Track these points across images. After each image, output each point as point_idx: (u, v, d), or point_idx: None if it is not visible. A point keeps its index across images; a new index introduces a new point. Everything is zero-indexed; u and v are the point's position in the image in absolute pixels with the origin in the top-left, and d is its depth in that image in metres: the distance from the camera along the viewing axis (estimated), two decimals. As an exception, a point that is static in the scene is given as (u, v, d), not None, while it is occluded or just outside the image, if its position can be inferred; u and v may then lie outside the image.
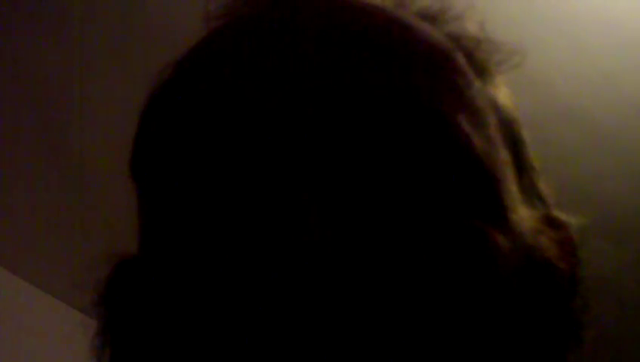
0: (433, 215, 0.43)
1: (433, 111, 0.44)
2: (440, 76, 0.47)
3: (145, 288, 0.48)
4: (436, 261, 0.42)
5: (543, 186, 0.52)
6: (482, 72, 0.51)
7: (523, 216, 0.48)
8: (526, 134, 0.52)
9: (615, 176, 2.19)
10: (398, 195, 0.43)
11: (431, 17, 0.51)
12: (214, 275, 0.43)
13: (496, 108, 0.50)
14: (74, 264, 2.45)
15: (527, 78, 1.86)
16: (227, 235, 0.43)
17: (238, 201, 0.43)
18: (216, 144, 0.44)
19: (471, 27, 0.52)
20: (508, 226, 0.45)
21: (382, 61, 0.45)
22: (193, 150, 0.45)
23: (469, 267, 0.42)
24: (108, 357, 0.51)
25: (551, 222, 0.50)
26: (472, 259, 0.42)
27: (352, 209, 0.42)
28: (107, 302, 0.51)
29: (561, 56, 1.92)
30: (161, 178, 0.47)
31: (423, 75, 0.46)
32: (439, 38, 0.49)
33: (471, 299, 0.42)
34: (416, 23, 0.49)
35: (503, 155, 0.48)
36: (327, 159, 0.42)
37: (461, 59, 0.49)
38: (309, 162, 0.42)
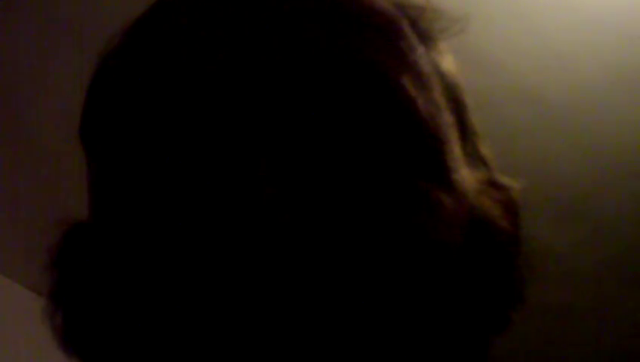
0: (377, 173, 0.44)
1: (377, 72, 0.45)
2: (385, 40, 0.48)
3: (94, 252, 0.48)
4: (380, 218, 0.43)
5: (485, 150, 0.53)
6: (426, 38, 0.52)
7: (466, 177, 0.49)
8: (468, 99, 0.53)
9: (567, 156, 2.21)
10: (343, 154, 0.44)
11: None
12: (162, 235, 0.43)
13: (440, 73, 0.51)
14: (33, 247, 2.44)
15: (478, 56, 1.87)
16: (176, 195, 0.44)
17: (186, 161, 0.44)
18: (164, 106, 0.45)
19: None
20: (451, 186, 0.47)
21: (328, 24, 0.46)
22: (142, 114, 0.45)
23: (412, 224, 0.43)
24: (60, 321, 0.51)
25: (493, 184, 0.51)
26: (415, 217, 0.44)
27: (299, 166, 0.42)
28: (57, 266, 0.52)
29: (513, 35, 1.93)
30: (110, 143, 0.48)
31: (368, 38, 0.46)
32: (384, 5, 0.50)
33: (415, 256, 0.43)
34: None
35: (447, 118, 0.49)
36: (275, 118, 0.43)
37: (406, 26, 0.50)
38: (258, 120, 0.43)
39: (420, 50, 0.50)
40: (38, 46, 1.99)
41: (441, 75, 0.51)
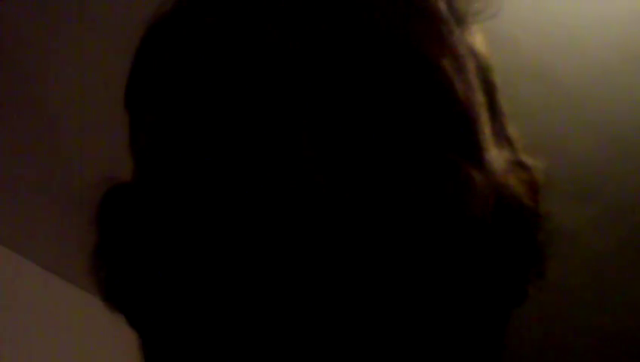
0: (415, 148, 0.46)
1: (420, 55, 0.48)
2: (425, 23, 0.50)
3: (135, 210, 0.51)
4: (416, 189, 0.45)
5: (512, 131, 0.56)
6: (461, 20, 0.54)
7: (495, 156, 0.52)
8: (498, 80, 0.56)
9: (579, 134, 2.20)
10: (384, 129, 0.46)
11: None
12: (206, 198, 0.45)
13: (473, 54, 0.54)
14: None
15: (490, 34, 1.85)
16: (218, 158, 0.46)
17: (232, 130, 0.46)
18: (213, 77, 0.47)
19: None
20: (482, 164, 0.49)
21: (372, 6, 0.48)
22: (189, 85, 0.48)
23: (446, 197, 0.46)
24: (104, 277, 0.54)
25: (519, 164, 0.54)
26: (449, 190, 0.46)
27: (338, 135, 0.45)
28: (100, 223, 0.55)
29: (525, 13, 1.92)
30: (156, 110, 0.50)
31: (410, 21, 0.49)
32: None
33: (446, 225, 0.46)
34: None
35: (479, 98, 0.52)
36: (319, 93, 0.46)
37: (444, 9, 0.52)
38: (303, 93, 0.46)
39: (457, 32, 0.52)
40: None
41: (475, 56, 0.54)
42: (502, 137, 0.54)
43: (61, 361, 2.60)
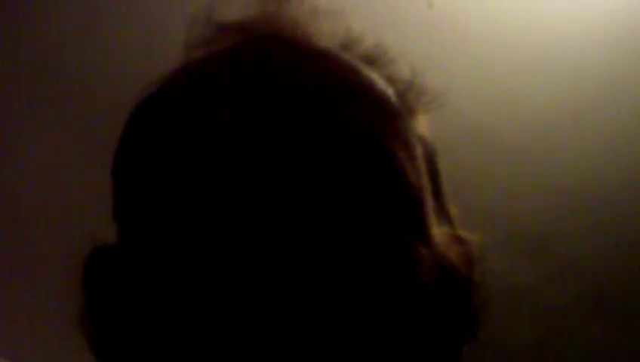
0: (370, 227, 0.53)
1: (379, 147, 0.55)
2: (384, 118, 0.58)
3: (122, 272, 0.56)
4: (370, 264, 0.52)
5: (452, 209, 0.63)
6: (411, 112, 0.62)
7: (437, 232, 0.59)
8: (440, 163, 0.63)
9: (527, 193, 2.24)
10: (342, 211, 0.52)
11: (371, 61, 0.62)
12: (185, 265, 0.51)
13: (421, 140, 0.61)
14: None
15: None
16: (199, 234, 0.52)
17: (210, 209, 0.52)
18: (192, 159, 0.53)
19: (403, 70, 0.63)
20: (428, 239, 0.57)
21: (334, 101, 0.56)
22: (173, 162, 0.54)
23: (397, 269, 0.53)
24: (90, 330, 0.59)
25: (457, 238, 0.62)
26: (400, 264, 0.53)
27: (304, 219, 0.51)
28: (87, 283, 0.60)
29: (465, 77, 1.98)
30: (141, 179, 0.57)
31: (367, 113, 0.56)
32: (380, 82, 0.60)
33: (397, 291, 0.52)
34: (361, 68, 0.60)
35: (425, 182, 0.59)
36: (282, 179, 0.52)
37: (396, 101, 0.61)
38: (267, 179, 0.51)
39: (407, 121, 0.60)
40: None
41: (423, 143, 0.61)
42: (443, 215, 0.61)
43: None
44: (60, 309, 2.55)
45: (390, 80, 0.62)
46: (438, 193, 0.62)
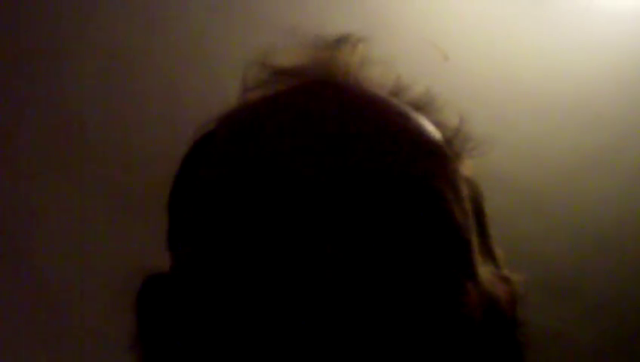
0: (420, 265, 0.55)
1: (428, 186, 0.57)
2: (432, 158, 0.60)
3: (174, 301, 0.58)
4: (423, 302, 0.54)
5: (497, 250, 0.66)
6: (458, 155, 0.65)
7: (483, 271, 0.61)
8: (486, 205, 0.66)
9: (549, 238, 2.24)
10: (394, 249, 0.54)
11: (420, 107, 0.65)
12: (234, 291, 0.53)
13: (467, 182, 0.64)
14: None
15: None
16: (253, 268, 0.53)
17: (265, 237, 0.54)
18: (250, 195, 0.55)
19: (450, 117, 0.66)
20: (474, 278, 0.58)
21: (385, 144, 0.58)
22: (229, 198, 0.56)
23: (448, 307, 0.55)
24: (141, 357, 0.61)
25: (501, 278, 0.64)
26: (451, 301, 0.55)
27: (358, 255, 0.53)
28: (141, 309, 0.63)
29: (485, 125, 1.98)
30: (198, 212, 0.59)
31: (420, 157, 0.59)
32: (428, 126, 0.63)
33: (448, 325, 0.54)
34: (411, 112, 0.63)
35: (472, 222, 0.61)
36: (340, 221, 0.54)
37: (445, 146, 0.63)
38: (326, 221, 0.53)
39: (455, 164, 0.62)
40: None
41: (468, 184, 0.64)
42: (488, 254, 0.64)
43: None
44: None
45: (438, 125, 0.64)
46: (483, 233, 0.64)
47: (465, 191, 0.62)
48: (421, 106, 0.65)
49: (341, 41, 0.66)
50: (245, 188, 0.56)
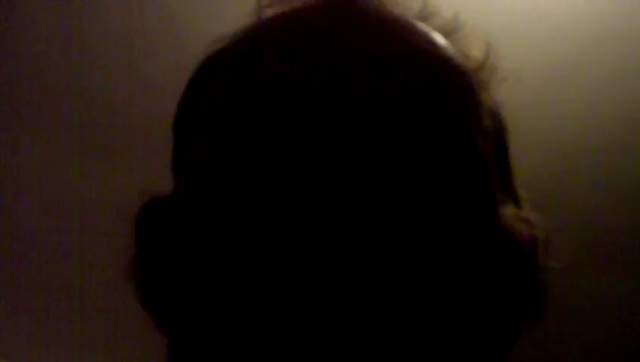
0: (440, 190, 0.51)
1: (452, 114, 0.53)
2: (455, 84, 0.56)
3: (172, 222, 0.56)
4: (443, 239, 0.50)
5: (520, 190, 0.63)
6: (484, 86, 0.61)
7: (505, 210, 0.58)
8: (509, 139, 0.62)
9: (518, 152, 2.24)
10: (413, 173, 0.51)
11: (447, 34, 0.61)
12: (237, 217, 0.50)
13: (491, 115, 0.60)
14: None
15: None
16: (260, 190, 0.50)
17: (274, 168, 0.51)
18: (257, 116, 0.52)
19: (477, 46, 0.62)
20: (497, 217, 0.55)
21: (408, 67, 0.54)
22: (237, 118, 0.53)
23: (469, 244, 0.52)
24: (139, 280, 0.59)
25: (523, 219, 0.60)
26: (472, 238, 0.52)
27: (376, 178, 0.50)
28: (140, 231, 0.61)
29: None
30: (204, 136, 0.55)
31: (442, 82, 0.55)
32: (455, 54, 0.59)
33: (462, 260, 0.51)
34: (436, 38, 0.59)
35: (494, 158, 0.58)
36: (357, 145, 0.50)
37: (473, 77, 0.60)
38: (343, 143, 0.50)
39: (479, 94, 0.59)
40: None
41: (492, 116, 0.60)
42: (510, 194, 0.61)
43: None
44: (60, 312, 2.56)
45: (464, 54, 0.60)
46: (506, 171, 0.61)
47: (488, 123, 0.58)
48: (448, 33, 0.61)
49: None
50: (250, 116, 0.52)
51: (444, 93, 0.54)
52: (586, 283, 2.53)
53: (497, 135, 0.60)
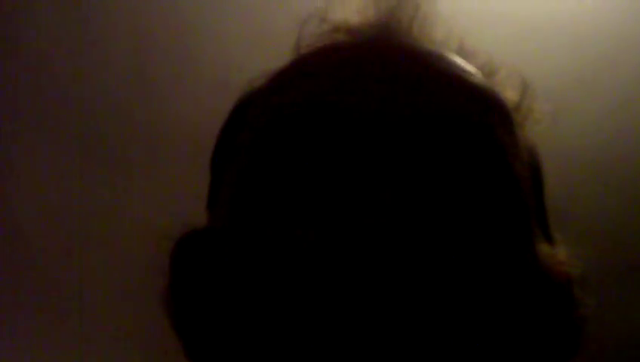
0: (481, 219, 0.51)
1: (492, 137, 0.53)
2: (497, 113, 0.56)
3: (210, 255, 0.55)
4: (479, 262, 0.49)
5: (553, 230, 0.62)
6: (520, 125, 0.60)
7: (541, 247, 0.57)
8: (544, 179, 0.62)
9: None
10: (454, 201, 0.51)
11: (485, 74, 0.61)
12: (277, 246, 0.49)
13: (528, 151, 0.60)
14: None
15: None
16: (304, 209, 0.50)
17: (317, 194, 0.50)
18: (310, 146, 0.52)
19: (513, 88, 0.62)
20: (533, 253, 0.55)
21: (451, 93, 0.54)
22: (282, 151, 0.52)
23: (505, 271, 0.51)
24: (173, 311, 0.58)
25: (558, 259, 0.59)
26: (508, 265, 0.51)
27: (415, 201, 0.49)
28: (176, 263, 0.59)
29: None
30: (238, 170, 0.55)
31: (486, 110, 0.55)
32: (495, 86, 0.59)
33: (502, 297, 0.50)
34: (475, 71, 0.59)
35: (530, 190, 0.57)
36: (403, 163, 0.50)
37: (508, 106, 0.59)
38: (390, 162, 0.50)
39: (517, 128, 0.59)
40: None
41: (528, 151, 0.60)
42: (545, 233, 0.60)
43: None
44: (62, 315, 2.56)
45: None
46: (541, 208, 0.61)
47: (525, 156, 0.58)
48: (485, 74, 0.61)
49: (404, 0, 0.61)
50: (291, 136, 0.52)
51: (483, 116, 0.54)
52: (606, 294, 2.51)
53: (534, 173, 0.60)
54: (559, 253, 0.60)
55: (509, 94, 0.61)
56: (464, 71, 0.57)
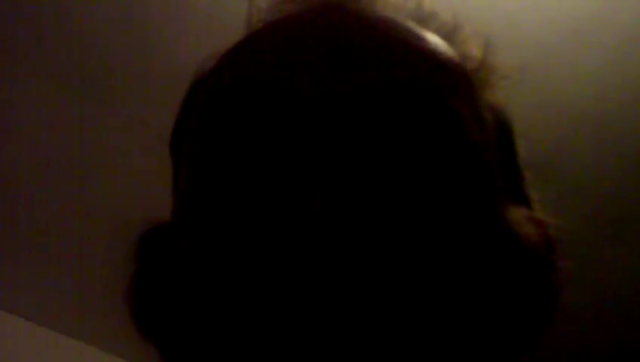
0: (431, 188, 0.49)
1: (444, 103, 0.51)
2: (450, 76, 0.54)
3: (171, 248, 0.54)
4: (431, 238, 0.48)
5: (529, 191, 0.60)
6: (482, 86, 0.58)
7: (510, 210, 0.54)
8: (517, 139, 0.60)
9: (523, 115, 2.19)
10: (408, 177, 0.49)
11: (445, 36, 0.59)
12: (231, 240, 0.48)
13: (491, 109, 0.57)
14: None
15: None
16: (254, 210, 0.49)
17: (265, 178, 0.49)
18: (252, 128, 0.51)
19: (476, 48, 0.60)
20: (498, 215, 0.52)
21: (398, 60, 0.53)
22: (227, 131, 0.52)
23: (464, 242, 0.49)
24: (135, 309, 0.57)
25: (534, 221, 0.57)
26: (468, 237, 0.49)
27: (364, 179, 0.48)
28: (138, 257, 0.59)
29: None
30: (197, 157, 0.54)
31: (437, 74, 0.53)
32: (449, 48, 0.57)
33: (467, 269, 0.48)
34: (430, 35, 0.57)
35: (496, 153, 0.55)
36: (350, 138, 0.49)
37: (465, 68, 0.57)
38: (337, 138, 0.49)
39: (476, 90, 0.57)
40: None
41: (493, 111, 0.58)
42: (519, 195, 0.58)
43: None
44: (60, 263, 2.57)
45: (463, 56, 0.58)
46: (513, 170, 0.58)
47: (488, 116, 0.56)
48: (445, 35, 0.59)
49: None
50: (232, 110, 0.51)
51: (434, 81, 0.52)
52: (594, 251, 2.50)
53: (501, 133, 0.58)
54: (535, 214, 0.58)
55: (473, 52, 0.60)
56: (414, 36, 0.56)
